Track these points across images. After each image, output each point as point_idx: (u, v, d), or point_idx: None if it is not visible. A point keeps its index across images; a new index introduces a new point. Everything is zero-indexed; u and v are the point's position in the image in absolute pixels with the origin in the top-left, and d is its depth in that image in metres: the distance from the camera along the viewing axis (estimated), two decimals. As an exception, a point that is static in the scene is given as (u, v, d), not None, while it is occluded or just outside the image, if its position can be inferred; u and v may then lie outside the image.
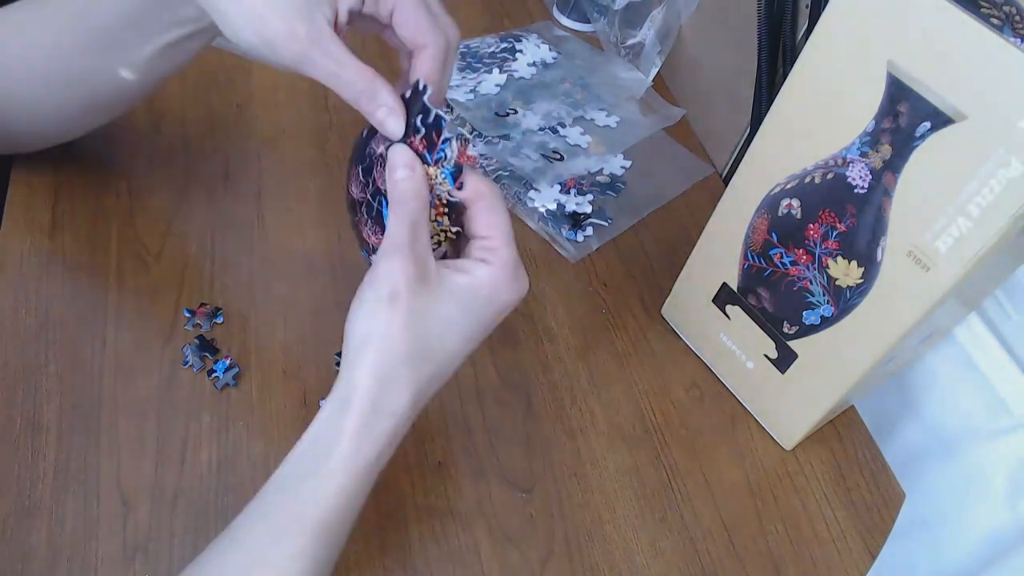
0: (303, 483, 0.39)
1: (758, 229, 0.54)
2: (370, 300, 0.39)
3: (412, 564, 0.49)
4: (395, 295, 0.38)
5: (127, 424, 0.51)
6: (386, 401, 0.39)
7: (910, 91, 0.43)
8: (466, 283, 0.40)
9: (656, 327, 0.65)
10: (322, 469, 0.39)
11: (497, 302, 0.41)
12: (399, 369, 0.39)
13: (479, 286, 0.41)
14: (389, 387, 0.39)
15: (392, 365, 0.39)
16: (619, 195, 0.74)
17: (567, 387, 0.60)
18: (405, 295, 0.39)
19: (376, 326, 0.39)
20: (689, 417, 0.60)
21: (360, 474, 0.39)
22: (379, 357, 0.39)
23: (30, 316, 0.54)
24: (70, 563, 0.45)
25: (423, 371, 0.40)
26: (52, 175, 0.62)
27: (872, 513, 0.57)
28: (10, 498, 0.46)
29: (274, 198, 0.66)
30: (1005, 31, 0.40)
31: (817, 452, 0.60)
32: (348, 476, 0.39)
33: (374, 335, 0.39)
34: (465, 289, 0.40)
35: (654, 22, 0.85)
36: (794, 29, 0.69)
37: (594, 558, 0.51)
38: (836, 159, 0.48)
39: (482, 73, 0.81)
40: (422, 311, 0.39)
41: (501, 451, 0.55)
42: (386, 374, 0.39)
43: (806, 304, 0.53)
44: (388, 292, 0.39)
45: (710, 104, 0.81)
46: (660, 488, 0.56)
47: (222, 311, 0.57)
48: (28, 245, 0.58)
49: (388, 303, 0.38)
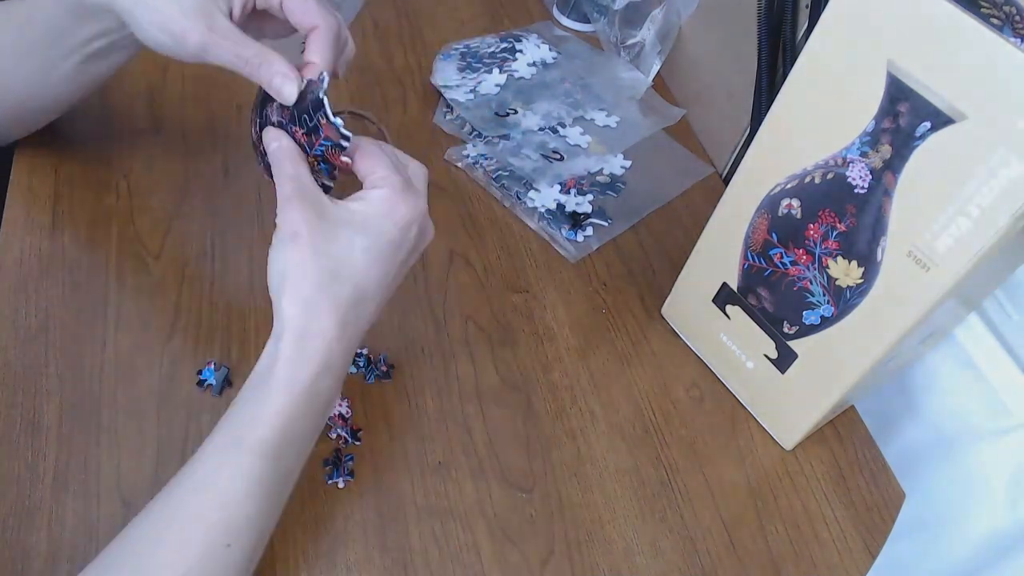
0: (245, 408, 0.42)
1: (758, 229, 0.54)
2: (277, 246, 0.43)
3: (412, 564, 0.49)
4: (296, 234, 0.42)
5: (127, 424, 0.51)
6: (311, 324, 0.42)
7: (910, 91, 0.43)
8: (359, 207, 0.44)
9: (656, 327, 0.65)
10: (260, 394, 0.42)
11: (394, 216, 0.44)
12: (316, 294, 0.42)
13: (371, 206, 0.44)
14: (311, 311, 0.42)
15: (308, 291, 0.42)
16: (619, 195, 0.74)
17: (567, 387, 0.60)
18: (304, 230, 0.42)
19: (287, 263, 0.42)
20: (689, 417, 0.60)
21: (297, 395, 0.42)
22: (295, 287, 0.42)
23: (30, 316, 0.54)
24: (70, 563, 0.45)
25: (340, 292, 0.43)
26: (52, 175, 0.62)
27: (872, 513, 0.57)
28: (10, 498, 0.46)
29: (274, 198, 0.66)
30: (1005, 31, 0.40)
31: (817, 452, 0.60)
32: (285, 396, 0.41)
33: (287, 271, 0.42)
34: (359, 212, 0.44)
35: (654, 22, 0.85)
36: (794, 29, 0.69)
37: (594, 558, 0.51)
38: (836, 159, 0.48)
39: (482, 73, 0.81)
40: (324, 239, 0.43)
41: (501, 451, 0.55)
42: (305, 300, 0.42)
43: (806, 304, 0.53)
44: (289, 232, 0.43)
45: (710, 104, 0.81)
46: (660, 488, 0.56)
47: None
48: (28, 245, 0.58)
49: (291, 241, 0.42)
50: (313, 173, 0.46)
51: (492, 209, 0.71)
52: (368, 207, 0.44)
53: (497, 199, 0.71)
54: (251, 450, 0.41)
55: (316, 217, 0.43)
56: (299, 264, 0.42)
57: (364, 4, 0.87)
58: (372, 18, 0.86)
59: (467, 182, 0.72)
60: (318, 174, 0.47)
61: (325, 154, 0.46)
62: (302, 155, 0.46)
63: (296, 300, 0.42)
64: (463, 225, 0.69)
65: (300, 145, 0.47)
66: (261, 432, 0.41)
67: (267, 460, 0.41)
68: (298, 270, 0.42)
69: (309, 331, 0.42)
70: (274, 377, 0.42)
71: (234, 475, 0.41)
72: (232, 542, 0.40)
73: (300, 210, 0.43)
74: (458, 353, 0.60)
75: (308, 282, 0.42)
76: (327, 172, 0.47)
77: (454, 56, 0.82)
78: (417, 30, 0.86)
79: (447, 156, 0.73)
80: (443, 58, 0.82)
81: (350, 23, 0.71)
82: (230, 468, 0.41)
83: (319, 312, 0.42)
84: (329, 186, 0.48)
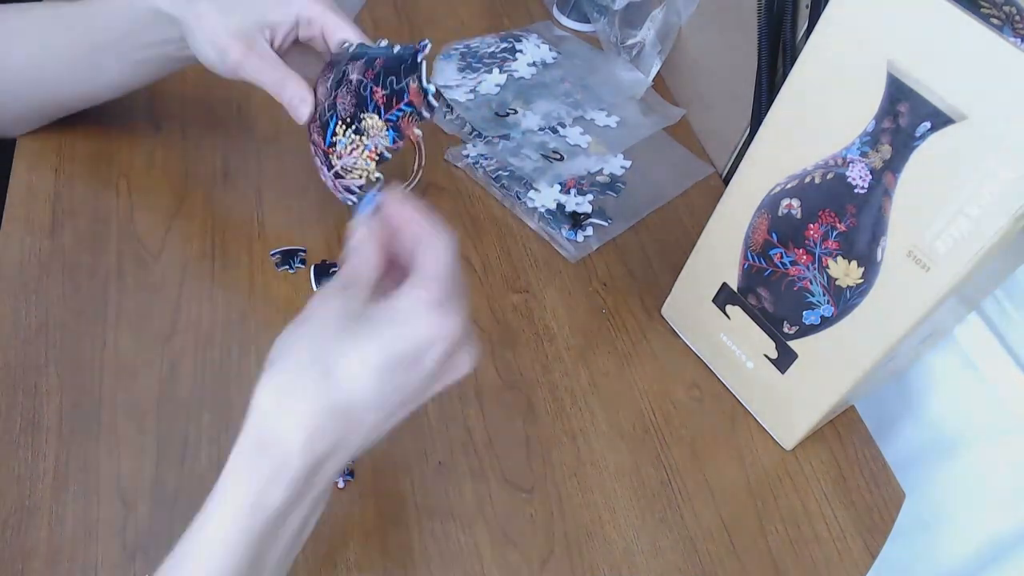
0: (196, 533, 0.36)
1: (758, 229, 0.54)
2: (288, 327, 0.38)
3: (412, 564, 0.49)
4: (306, 317, 0.38)
5: (127, 424, 0.51)
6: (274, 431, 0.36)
7: (910, 91, 0.43)
8: (383, 304, 0.38)
9: (656, 327, 0.65)
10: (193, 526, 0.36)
11: (410, 334, 0.37)
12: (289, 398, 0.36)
13: (394, 308, 0.38)
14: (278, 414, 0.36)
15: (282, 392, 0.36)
16: (619, 195, 0.74)
17: (567, 387, 0.60)
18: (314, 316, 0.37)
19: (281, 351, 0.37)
20: (689, 417, 0.60)
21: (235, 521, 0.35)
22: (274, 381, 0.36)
23: (30, 316, 0.54)
24: (70, 563, 0.45)
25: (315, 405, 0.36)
26: (52, 175, 0.62)
27: (872, 513, 0.57)
28: (10, 498, 0.46)
29: (274, 198, 0.66)
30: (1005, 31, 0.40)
31: (817, 452, 0.60)
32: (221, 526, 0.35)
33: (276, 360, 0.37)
34: (377, 318, 0.37)
35: (654, 22, 0.85)
36: (794, 29, 0.69)
37: (594, 558, 0.51)
38: (836, 159, 0.48)
39: (482, 73, 0.81)
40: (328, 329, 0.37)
41: (501, 451, 0.55)
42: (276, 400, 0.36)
43: (806, 304, 0.53)
44: (305, 313, 0.38)
45: (710, 104, 0.81)
46: (660, 488, 0.56)
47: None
48: (28, 245, 0.58)
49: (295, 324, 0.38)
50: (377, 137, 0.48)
51: (492, 209, 0.71)
52: (391, 304, 0.38)
53: (497, 199, 0.71)
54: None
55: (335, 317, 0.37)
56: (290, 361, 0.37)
57: (364, 4, 0.87)
58: (372, 18, 0.86)
59: (467, 182, 0.72)
60: (382, 138, 0.48)
61: (399, 121, 0.47)
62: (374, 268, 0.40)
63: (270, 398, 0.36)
64: (463, 225, 0.69)
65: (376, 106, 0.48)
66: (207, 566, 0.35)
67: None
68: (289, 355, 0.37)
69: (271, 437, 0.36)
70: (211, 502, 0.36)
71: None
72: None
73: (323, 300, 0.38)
74: (458, 353, 0.60)
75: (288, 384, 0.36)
76: (392, 139, 0.48)
77: (454, 56, 0.83)
78: (417, 30, 0.86)
79: (447, 156, 0.73)
80: (443, 58, 0.82)
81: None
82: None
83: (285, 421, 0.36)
84: (387, 157, 0.49)
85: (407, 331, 0.37)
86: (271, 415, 0.36)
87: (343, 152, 0.51)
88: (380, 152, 0.48)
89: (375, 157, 0.49)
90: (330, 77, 0.53)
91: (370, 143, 0.49)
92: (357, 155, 0.50)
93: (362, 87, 0.48)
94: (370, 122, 0.49)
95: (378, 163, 0.49)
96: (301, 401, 0.36)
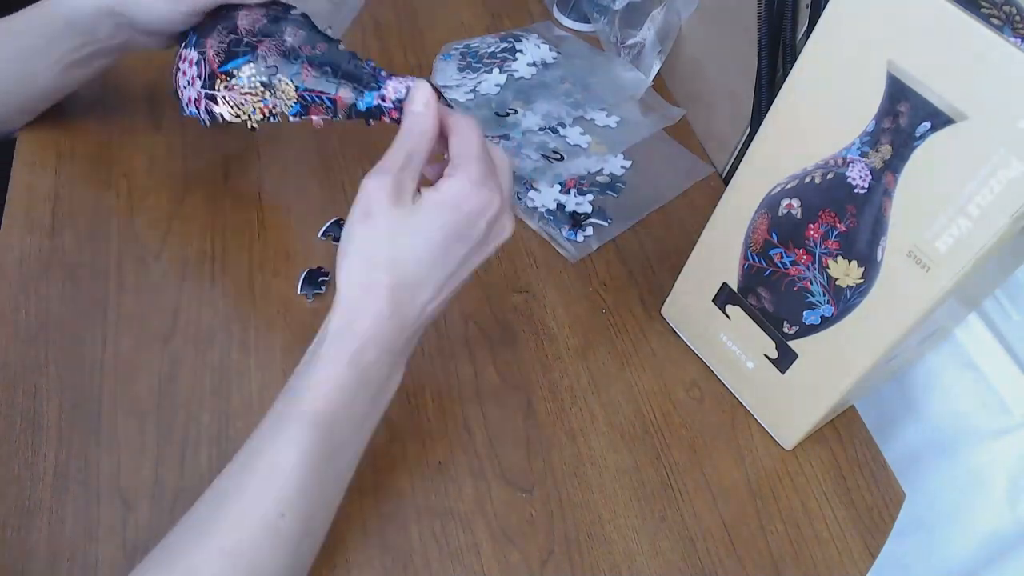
0: (296, 380, 0.44)
1: (758, 229, 0.54)
2: (351, 218, 0.44)
3: (412, 564, 0.49)
4: (368, 213, 0.43)
5: (127, 424, 0.51)
6: (363, 303, 0.43)
7: (910, 91, 0.43)
8: (434, 197, 0.44)
9: (656, 327, 0.65)
10: (308, 367, 0.43)
11: (464, 207, 0.44)
12: (372, 274, 0.43)
13: (444, 196, 0.44)
14: (365, 290, 0.43)
15: (365, 271, 0.43)
16: (619, 195, 0.74)
17: (567, 387, 0.60)
18: (377, 213, 0.43)
19: (352, 241, 0.44)
20: (689, 417, 0.60)
21: (344, 366, 0.43)
22: (353, 266, 0.44)
23: (30, 316, 0.54)
24: (70, 563, 0.45)
25: (396, 275, 0.43)
26: (52, 175, 0.62)
27: (872, 513, 0.57)
28: (10, 498, 0.46)
29: (274, 198, 0.66)
30: (1005, 31, 0.40)
31: (817, 452, 0.60)
32: (334, 366, 0.43)
33: (350, 249, 0.44)
34: (433, 202, 0.44)
35: (654, 22, 0.85)
36: (794, 29, 0.69)
37: (594, 558, 0.51)
38: (836, 159, 0.48)
39: (482, 73, 0.81)
40: (392, 225, 0.43)
41: (501, 451, 0.55)
42: (360, 279, 0.44)
43: (806, 304, 0.53)
44: (362, 211, 0.43)
45: (710, 104, 0.81)
46: (660, 488, 0.56)
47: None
48: (28, 245, 0.58)
49: (361, 221, 0.43)
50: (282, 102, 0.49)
51: (492, 209, 0.71)
52: (439, 196, 0.44)
53: (497, 199, 0.71)
54: (300, 420, 0.42)
55: (393, 202, 0.43)
56: (362, 247, 0.44)
57: (364, 4, 0.87)
58: (372, 18, 0.86)
59: (467, 182, 0.72)
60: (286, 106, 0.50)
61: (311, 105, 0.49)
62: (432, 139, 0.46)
63: (349, 280, 0.44)
64: (463, 225, 0.69)
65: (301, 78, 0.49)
66: (309, 403, 0.42)
67: (316, 430, 0.42)
68: (360, 252, 0.44)
69: (359, 309, 0.43)
70: (321, 349, 0.43)
71: (284, 445, 0.41)
72: (286, 511, 0.41)
73: (383, 186, 0.43)
74: (458, 353, 0.60)
75: (366, 264, 0.43)
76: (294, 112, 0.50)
77: (454, 56, 0.82)
78: (417, 30, 0.86)
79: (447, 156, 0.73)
80: (443, 58, 0.82)
81: (350, 23, 0.71)
82: (280, 438, 0.42)
83: (372, 293, 0.43)
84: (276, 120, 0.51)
85: (462, 209, 0.44)
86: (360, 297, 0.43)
87: (238, 88, 0.51)
88: (274, 113, 0.50)
89: (265, 113, 0.51)
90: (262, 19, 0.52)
91: (271, 100, 0.50)
92: (250, 100, 0.51)
93: (293, 55, 0.49)
94: (283, 86, 0.50)
95: (262, 121, 0.51)
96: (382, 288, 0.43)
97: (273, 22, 0.52)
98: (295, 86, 0.49)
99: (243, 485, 0.41)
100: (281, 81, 0.50)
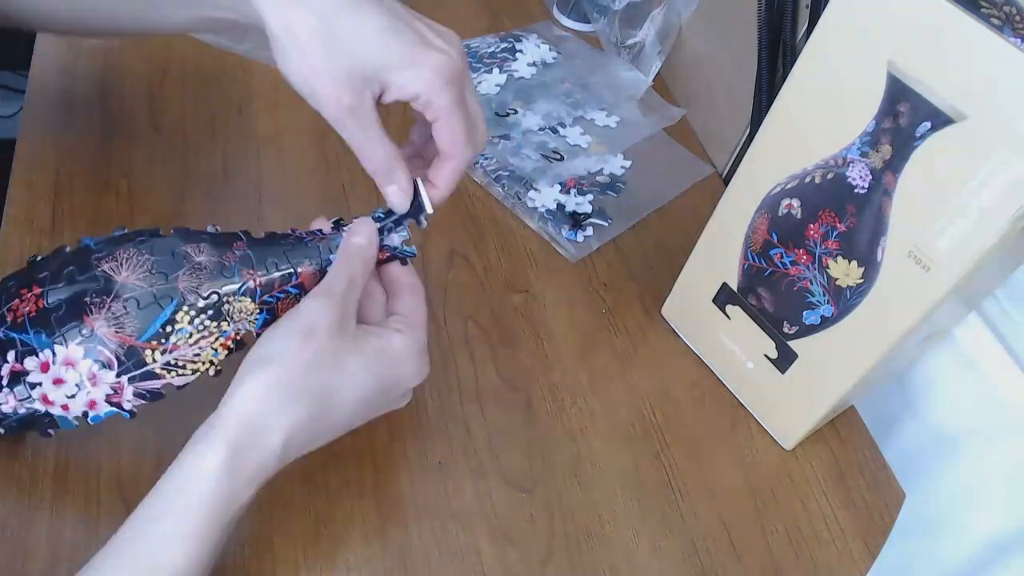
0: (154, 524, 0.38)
1: (758, 229, 0.54)
2: (284, 328, 0.40)
3: (412, 564, 0.49)
4: (311, 332, 0.40)
5: (127, 424, 0.51)
6: (259, 436, 0.38)
7: (910, 91, 0.43)
8: (378, 344, 0.42)
9: (656, 327, 0.65)
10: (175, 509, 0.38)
11: (399, 372, 0.43)
12: (286, 403, 0.39)
13: (389, 349, 0.43)
14: (267, 419, 0.38)
15: (279, 395, 0.39)
16: (619, 195, 0.74)
17: (567, 387, 0.60)
18: (322, 336, 0.40)
19: (280, 352, 0.39)
20: (689, 417, 0.60)
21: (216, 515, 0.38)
22: (269, 382, 0.39)
23: (30, 316, 0.54)
24: (70, 563, 0.45)
25: (313, 411, 0.39)
26: (52, 175, 0.62)
27: (872, 513, 0.57)
28: (10, 498, 0.46)
29: (274, 198, 0.66)
30: (1005, 31, 0.40)
31: (817, 452, 0.60)
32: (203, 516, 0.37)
33: (274, 360, 0.39)
34: (375, 349, 0.42)
35: (654, 22, 0.85)
36: (794, 29, 0.69)
37: (594, 558, 0.51)
38: (836, 159, 0.48)
39: (482, 73, 0.81)
40: (330, 355, 0.40)
41: (501, 451, 0.55)
42: (269, 405, 0.38)
43: (806, 304, 0.53)
44: (304, 327, 0.40)
45: (710, 104, 0.81)
46: (660, 488, 0.56)
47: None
48: (28, 245, 0.58)
49: (300, 337, 0.40)
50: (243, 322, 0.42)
51: (492, 209, 0.71)
52: (385, 345, 0.42)
53: (497, 199, 0.71)
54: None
55: (337, 331, 0.40)
56: (289, 365, 0.39)
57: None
58: (372, 18, 0.85)
59: (467, 182, 0.72)
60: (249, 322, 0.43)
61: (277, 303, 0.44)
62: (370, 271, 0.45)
63: (257, 395, 0.38)
64: (463, 225, 0.69)
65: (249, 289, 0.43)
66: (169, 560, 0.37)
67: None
68: (283, 369, 0.39)
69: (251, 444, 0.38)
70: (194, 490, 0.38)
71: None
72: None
73: (330, 310, 0.40)
74: (458, 353, 0.60)
75: (284, 389, 0.39)
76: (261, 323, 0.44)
77: (454, 56, 0.82)
78: (417, 30, 0.86)
79: (447, 156, 0.73)
80: (443, 58, 0.82)
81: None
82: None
83: (274, 422, 0.38)
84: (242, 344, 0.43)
85: (399, 371, 0.43)
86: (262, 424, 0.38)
87: (179, 344, 0.42)
88: (239, 338, 0.42)
89: (229, 345, 0.42)
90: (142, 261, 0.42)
91: (231, 329, 0.42)
92: (205, 344, 0.42)
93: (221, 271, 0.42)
94: (238, 306, 0.42)
95: (231, 352, 0.42)
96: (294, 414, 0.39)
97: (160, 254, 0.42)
98: (249, 299, 0.42)
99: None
100: (231, 302, 0.42)
